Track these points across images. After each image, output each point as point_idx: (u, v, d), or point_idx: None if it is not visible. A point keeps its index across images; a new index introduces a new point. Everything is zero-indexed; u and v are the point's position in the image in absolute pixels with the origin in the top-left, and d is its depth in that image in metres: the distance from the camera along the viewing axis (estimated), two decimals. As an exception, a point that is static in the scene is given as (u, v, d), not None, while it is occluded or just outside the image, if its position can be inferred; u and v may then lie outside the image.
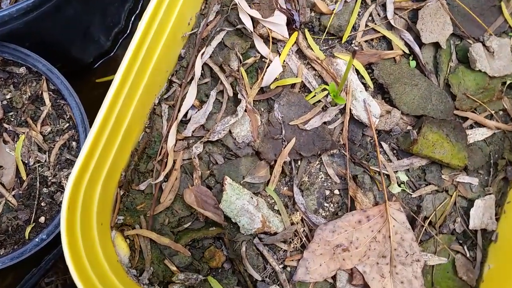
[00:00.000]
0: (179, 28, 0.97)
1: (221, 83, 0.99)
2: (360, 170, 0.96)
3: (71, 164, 1.10)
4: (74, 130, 1.13)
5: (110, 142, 0.85)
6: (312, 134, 0.97)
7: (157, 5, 0.86)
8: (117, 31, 1.44)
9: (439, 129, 0.95)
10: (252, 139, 0.96)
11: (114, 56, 1.49)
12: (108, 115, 0.82)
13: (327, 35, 1.05)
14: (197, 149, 0.94)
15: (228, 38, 1.01)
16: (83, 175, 0.78)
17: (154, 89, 0.96)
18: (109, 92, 0.80)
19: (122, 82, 0.82)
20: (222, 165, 0.96)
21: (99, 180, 0.84)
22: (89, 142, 0.78)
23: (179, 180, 0.94)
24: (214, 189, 0.95)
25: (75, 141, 1.12)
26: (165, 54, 0.94)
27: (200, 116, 0.97)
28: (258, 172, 0.95)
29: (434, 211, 0.96)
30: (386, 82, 0.99)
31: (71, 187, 0.73)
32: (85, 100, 1.43)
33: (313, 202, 0.95)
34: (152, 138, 0.96)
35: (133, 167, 0.92)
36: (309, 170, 0.98)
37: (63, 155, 1.09)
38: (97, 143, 0.81)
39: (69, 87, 1.13)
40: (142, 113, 0.94)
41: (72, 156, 1.10)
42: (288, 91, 0.99)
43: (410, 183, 0.98)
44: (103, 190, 0.85)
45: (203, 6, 1.03)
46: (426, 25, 1.00)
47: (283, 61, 1.01)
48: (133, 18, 1.51)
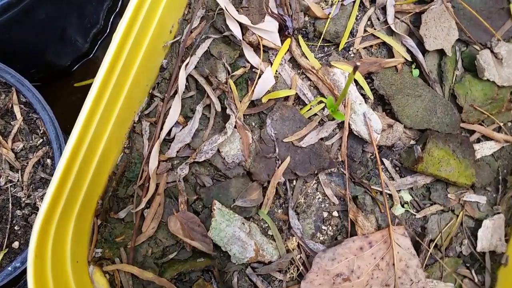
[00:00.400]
0: (160, 36, 0.88)
1: (207, 96, 0.90)
2: (361, 190, 0.89)
3: (46, 183, 1.01)
4: (48, 146, 1.04)
5: (84, 168, 0.76)
6: (308, 152, 0.89)
7: (135, 10, 0.76)
8: (95, 31, 1.35)
9: (445, 145, 0.88)
10: (243, 159, 0.87)
11: (93, 58, 1.42)
12: (82, 136, 0.73)
13: (323, 41, 0.96)
14: (182, 171, 0.86)
15: (215, 47, 0.92)
16: (53, 211, 0.69)
17: (133, 105, 0.87)
18: (82, 111, 0.71)
19: (97, 99, 0.73)
20: (210, 188, 0.87)
21: (72, 214, 0.75)
22: (60, 171, 0.69)
23: (163, 205, 0.85)
24: (202, 214, 0.86)
25: (49, 158, 1.02)
26: (145, 66, 0.85)
27: (185, 134, 0.88)
28: (250, 194, 0.87)
29: (440, 233, 0.89)
30: (387, 93, 0.91)
31: (38, 232, 0.64)
32: (63, 105, 1.34)
33: (310, 226, 0.88)
34: (132, 160, 0.87)
35: (111, 194, 0.83)
36: (305, 191, 0.90)
37: (37, 174, 1.00)
38: (70, 170, 0.72)
39: (42, 100, 1.03)
40: (120, 132, 0.85)
41: (47, 174, 1.01)
42: (281, 105, 0.91)
43: (414, 202, 0.91)
44: (77, 222, 0.77)
45: (186, 11, 0.93)
46: (430, 30, 0.92)
47: (275, 71, 0.93)
48: (112, 17, 1.43)
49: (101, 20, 1.35)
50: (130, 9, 0.75)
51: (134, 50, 0.80)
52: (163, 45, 0.89)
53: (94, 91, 0.72)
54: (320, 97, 0.93)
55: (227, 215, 0.84)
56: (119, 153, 0.86)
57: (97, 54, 1.40)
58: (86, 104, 0.71)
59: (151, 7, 0.80)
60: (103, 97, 0.75)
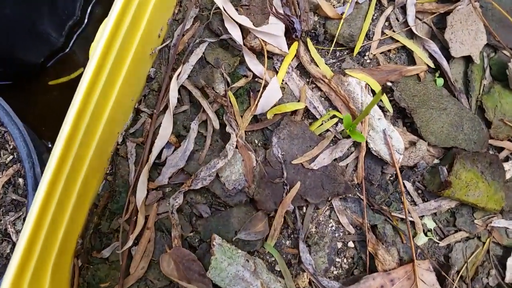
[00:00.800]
0: (148, 41, 0.74)
1: (203, 111, 0.78)
2: (380, 218, 0.78)
3: (18, 206, 0.89)
4: (19, 164, 0.90)
5: (63, 203, 0.64)
6: (321, 175, 0.77)
7: (121, 12, 0.62)
8: (71, 24, 1.22)
9: (473, 166, 0.78)
10: (246, 184, 0.75)
11: (70, 52, 1.30)
12: (60, 166, 0.61)
13: (335, 45, 0.84)
14: (175, 200, 0.73)
15: (211, 52, 0.79)
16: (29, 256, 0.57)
17: (117, 124, 0.73)
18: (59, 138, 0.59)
19: (76, 122, 0.61)
20: (208, 219, 0.75)
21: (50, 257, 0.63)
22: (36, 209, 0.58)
23: (153, 241, 0.73)
24: (199, 250, 0.75)
25: (21, 178, 0.89)
26: (131, 77, 0.71)
27: (178, 157, 0.75)
28: (255, 226, 0.76)
29: (465, 263, 0.80)
30: (409, 106, 0.80)
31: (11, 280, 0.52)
32: (37, 105, 1.21)
33: (323, 260, 0.77)
34: (116, 188, 0.74)
35: (93, 230, 0.71)
36: (316, 219, 0.79)
37: (7, 195, 0.88)
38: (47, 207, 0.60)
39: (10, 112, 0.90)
40: (102, 156, 0.72)
41: (19, 196, 0.88)
42: (289, 120, 0.79)
43: (437, 229, 0.81)
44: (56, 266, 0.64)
45: (176, 9, 0.79)
46: (456, 34, 0.81)
47: (281, 81, 0.80)
48: (90, 8, 1.30)
49: (77, 11, 1.22)
50: (116, 10, 0.61)
51: (119, 61, 0.66)
52: (150, 52, 0.75)
53: (72, 113, 0.59)
54: (333, 110, 0.81)
55: (228, 251, 0.72)
56: (101, 181, 0.73)
57: (74, 48, 1.27)
58: (65, 129, 0.59)
59: (139, 7, 0.66)
60: (83, 119, 0.63)
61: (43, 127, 1.13)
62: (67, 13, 1.17)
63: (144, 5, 0.70)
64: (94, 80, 0.62)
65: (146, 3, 0.70)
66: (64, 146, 0.60)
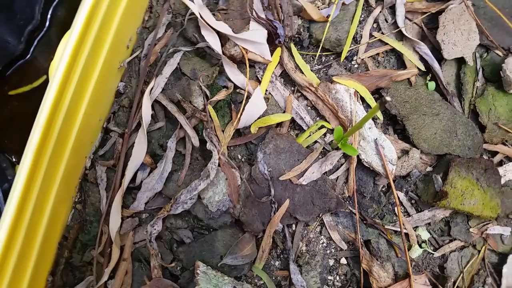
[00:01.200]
0: (115, 54, 0.67)
1: (181, 128, 0.71)
2: (374, 232, 0.75)
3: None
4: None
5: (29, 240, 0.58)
6: (310, 190, 0.73)
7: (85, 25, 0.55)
8: (31, 28, 1.14)
9: (468, 173, 0.75)
10: (231, 205, 0.70)
11: (31, 59, 1.22)
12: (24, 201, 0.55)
13: (321, 50, 0.78)
14: (153, 227, 0.67)
15: (187, 62, 0.72)
16: None
17: (84, 148, 0.67)
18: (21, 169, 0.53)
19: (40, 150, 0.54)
20: (190, 245, 0.70)
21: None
22: None
23: (131, 273, 0.68)
24: (182, 278, 0.69)
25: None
26: (97, 96, 0.64)
27: (155, 179, 0.69)
28: (241, 249, 0.71)
29: (461, 273, 0.78)
30: (400, 113, 0.76)
31: None
32: None
33: (315, 280, 0.73)
34: (87, 218, 0.67)
35: (64, 265, 0.64)
36: (307, 236, 0.75)
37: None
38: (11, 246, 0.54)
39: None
40: (69, 184, 0.65)
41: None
42: (275, 133, 0.73)
43: (432, 240, 0.78)
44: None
45: (146, 16, 0.72)
46: (448, 35, 0.77)
47: (265, 91, 0.75)
48: (51, 10, 1.21)
49: (36, 15, 1.13)
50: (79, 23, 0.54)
51: (84, 78, 0.60)
52: (119, 65, 0.67)
53: (35, 140, 0.53)
54: (321, 120, 0.76)
55: (214, 279, 0.67)
56: (70, 211, 0.67)
57: (35, 54, 1.20)
58: (26, 160, 0.52)
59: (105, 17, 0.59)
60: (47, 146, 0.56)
61: (5, 140, 1.05)
62: (25, 18, 1.09)
63: (111, 14, 0.62)
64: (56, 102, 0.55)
65: (113, 12, 0.63)
66: (27, 178, 0.53)
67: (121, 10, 0.64)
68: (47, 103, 0.54)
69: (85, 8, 0.55)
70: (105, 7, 0.59)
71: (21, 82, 1.15)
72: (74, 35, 0.55)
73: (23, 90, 1.14)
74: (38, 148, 0.54)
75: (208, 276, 0.67)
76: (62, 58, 0.54)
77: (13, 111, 1.14)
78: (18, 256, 0.55)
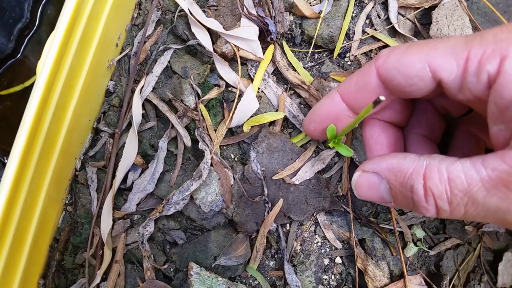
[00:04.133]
0: (104, 52, 0.66)
1: (172, 127, 0.71)
2: (369, 231, 0.75)
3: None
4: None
5: (18, 243, 0.58)
6: (304, 190, 0.73)
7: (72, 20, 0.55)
8: (20, 27, 1.14)
9: (463, 170, 0.75)
10: (224, 205, 0.70)
11: (22, 58, 1.21)
12: (12, 202, 0.55)
13: (314, 47, 0.79)
14: (145, 229, 0.67)
15: (178, 60, 0.72)
16: None
17: (74, 149, 0.66)
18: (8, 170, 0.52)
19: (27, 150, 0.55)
20: (184, 246, 0.70)
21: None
22: None
23: (124, 275, 0.68)
24: (176, 280, 0.70)
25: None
26: (86, 95, 0.64)
27: (147, 180, 0.69)
28: (235, 250, 0.71)
29: (457, 271, 0.78)
30: (394, 111, 0.76)
31: None
32: None
33: (310, 279, 0.74)
34: (78, 220, 0.67)
35: (55, 268, 0.64)
36: (301, 236, 0.75)
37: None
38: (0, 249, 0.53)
39: None
40: (59, 186, 0.65)
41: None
42: (268, 132, 0.74)
43: (427, 238, 0.79)
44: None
45: (135, 13, 0.72)
46: (442, 31, 0.77)
47: (257, 89, 0.75)
48: (40, 8, 1.21)
49: (26, 13, 1.13)
50: (65, 20, 0.54)
51: (71, 79, 0.59)
52: (108, 64, 0.67)
53: (22, 141, 0.53)
54: (314, 118, 0.76)
55: (208, 280, 0.68)
56: (60, 213, 0.67)
57: (25, 53, 1.20)
58: (13, 160, 0.52)
59: (92, 13, 0.59)
60: (35, 146, 0.56)
61: None
62: (14, 16, 1.08)
63: (98, 11, 0.62)
64: (44, 101, 0.55)
65: (100, 9, 0.63)
66: (14, 179, 0.53)
67: (109, 6, 0.64)
68: (33, 102, 0.54)
69: (71, 5, 0.55)
70: (91, 4, 0.59)
71: (13, 81, 1.15)
72: (60, 32, 0.55)
73: (14, 90, 1.14)
74: (25, 148, 0.53)
75: (202, 277, 0.68)
76: (48, 56, 0.54)
77: (5, 111, 1.14)
78: (7, 259, 0.55)
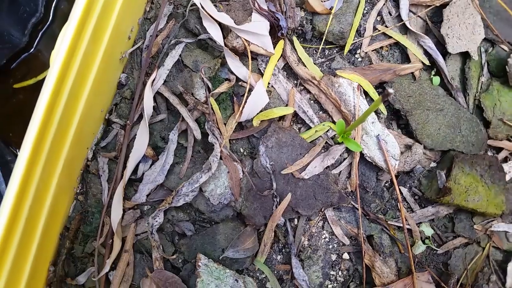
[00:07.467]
0: (116, 45, 0.69)
1: (183, 120, 0.73)
2: (377, 228, 0.77)
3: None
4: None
5: (29, 230, 0.60)
6: (312, 185, 0.75)
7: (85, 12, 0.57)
8: (34, 21, 1.16)
9: (472, 169, 0.77)
10: (232, 198, 0.72)
11: (35, 52, 1.24)
12: (23, 190, 0.57)
13: (324, 43, 0.80)
14: (155, 219, 0.70)
15: (189, 54, 0.75)
16: None
17: (86, 139, 0.69)
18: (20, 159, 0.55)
19: (39, 139, 0.57)
20: (192, 237, 0.72)
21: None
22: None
23: (133, 265, 0.70)
24: (184, 271, 0.72)
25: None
26: (99, 86, 0.67)
27: (157, 172, 0.71)
28: (243, 243, 0.73)
29: (465, 270, 0.79)
30: (404, 108, 0.78)
31: None
32: (2, 110, 1.15)
33: (317, 274, 0.75)
34: (88, 209, 0.69)
35: (65, 256, 0.66)
36: (309, 231, 0.77)
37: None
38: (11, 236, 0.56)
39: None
40: (70, 175, 0.68)
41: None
42: (277, 127, 0.76)
43: (435, 236, 0.80)
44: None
45: (147, 7, 0.74)
46: (453, 29, 0.79)
47: (267, 83, 0.77)
48: (54, 3, 1.23)
49: (40, 8, 1.15)
50: (77, 12, 0.56)
51: (84, 70, 0.62)
52: (120, 56, 0.70)
53: (34, 129, 0.55)
54: (323, 113, 0.78)
55: (215, 271, 0.70)
56: (71, 202, 0.69)
57: (39, 47, 1.23)
58: (25, 148, 0.54)
59: (105, 6, 0.61)
60: (47, 135, 0.58)
61: (10, 133, 1.08)
62: (28, 11, 1.11)
63: (110, 3, 0.64)
64: (56, 92, 0.57)
65: (113, 1, 0.65)
66: (26, 167, 0.55)
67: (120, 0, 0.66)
68: (46, 91, 0.56)
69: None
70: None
71: (26, 75, 1.19)
72: (73, 24, 0.57)
73: (27, 83, 1.17)
74: (38, 135, 0.55)
75: (209, 269, 0.69)
76: (61, 46, 0.56)
77: (18, 104, 1.17)
78: (18, 245, 0.57)
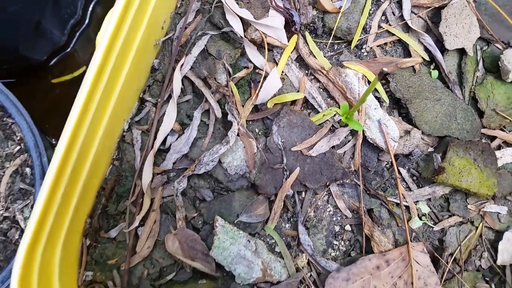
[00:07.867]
0: (151, 33, 0.81)
1: (206, 101, 0.85)
2: (376, 202, 0.85)
3: (26, 194, 0.95)
4: (27, 154, 0.97)
5: (72, 184, 0.71)
6: (319, 162, 0.84)
7: (125, 5, 0.69)
8: (73, 23, 1.29)
9: (466, 153, 0.85)
10: (247, 170, 0.82)
11: (72, 51, 1.36)
12: (69, 149, 0.68)
13: (333, 38, 0.91)
14: (179, 184, 0.80)
15: (213, 44, 0.86)
16: (40, 232, 0.65)
17: (123, 112, 0.81)
18: (69, 121, 0.66)
19: (85, 107, 0.68)
20: (211, 202, 0.82)
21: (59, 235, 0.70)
22: (46, 189, 0.64)
23: (159, 223, 0.80)
24: (203, 231, 0.82)
25: (28, 167, 0.96)
26: (136, 67, 0.78)
27: (182, 143, 0.82)
28: (256, 209, 0.82)
29: (459, 246, 0.87)
30: (404, 97, 0.87)
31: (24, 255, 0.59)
32: (41, 103, 1.28)
33: (322, 242, 0.84)
34: (123, 173, 0.81)
35: (101, 211, 0.78)
36: (315, 204, 0.86)
37: (15, 184, 0.94)
38: (57, 187, 0.68)
39: (17, 103, 0.97)
40: (109, 142, 0.79)
41: (27, 185, 0.95)
42: (289, 110, 0.86)
43: (431, 214, 0.88)
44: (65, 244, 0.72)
45: (179, 3, 0.87)
46: (450, 27, 0.88)
47: (281, 72, 0.87)
48: (91, 7, 1.37)
49: (78, 10, 1.28)
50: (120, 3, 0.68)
51: (124, 50, 0.74)
52: (154, 43, 0.82)
53: (81, 99, 0.66)
54: (331, 100, 0.88)
55: (230, 232, 0.79)
56: (108, 166, 0.80)
57: (75, 47, 1.33)
58: (73, 114, 0.66)
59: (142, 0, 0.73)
60: (91, 105, 0.69)
61: (47, 124, 1.18)
62: (68, 13, 1.23)
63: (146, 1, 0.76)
64: (101, 68, 0.68)
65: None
66: (72, 132, 0.66)
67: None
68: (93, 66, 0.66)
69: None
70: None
71: (63, 72, 1.29)
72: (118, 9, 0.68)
73: (64, 79, 1.28)
74: (83, 106, 0.66)
75: (225, 229, 0.79)
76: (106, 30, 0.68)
77: (55, 98, 1.28)
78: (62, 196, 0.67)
